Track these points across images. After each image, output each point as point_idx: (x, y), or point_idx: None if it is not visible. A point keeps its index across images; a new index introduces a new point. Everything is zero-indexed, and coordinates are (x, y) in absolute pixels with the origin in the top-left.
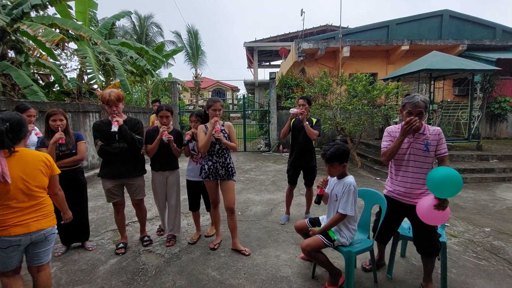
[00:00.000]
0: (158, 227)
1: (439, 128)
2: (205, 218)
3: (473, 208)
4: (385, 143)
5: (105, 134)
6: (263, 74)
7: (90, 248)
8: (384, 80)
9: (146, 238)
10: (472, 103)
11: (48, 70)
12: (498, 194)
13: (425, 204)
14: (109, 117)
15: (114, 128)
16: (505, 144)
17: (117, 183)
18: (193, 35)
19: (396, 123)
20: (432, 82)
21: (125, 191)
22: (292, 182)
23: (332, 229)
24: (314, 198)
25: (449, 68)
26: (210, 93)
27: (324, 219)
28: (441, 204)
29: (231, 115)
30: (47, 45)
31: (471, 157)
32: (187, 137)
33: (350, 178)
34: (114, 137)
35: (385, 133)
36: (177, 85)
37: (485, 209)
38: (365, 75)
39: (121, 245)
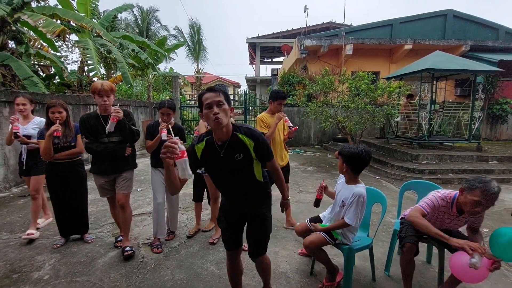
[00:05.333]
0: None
1: None
2: (204, 213)
3: None
4: (422, 203)
5: (92, 128)
6: (265, 71)
7: (89, 241)
8: (387, 79)
9: (128, 248)
10: (473, 104)
11: (48, 61)
12: None
13: (461, 261)
14: (97, 110)
15: (111, 126)
16: (505, 145)
17: (108, 179)
18: (195, 29)
19: (397, 122)
20: (435, 82)
21: None
22: (232, 246)
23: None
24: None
25: (451, 68)
26: None
27: (324, 216)
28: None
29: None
30: (48, 36)
31: (471, 158)
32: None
33: (360, 188)
34: (103, 131)
35: (431, 195)
36: (179, 79)
37: None
38: (368, 74)
39: (121, 238)
